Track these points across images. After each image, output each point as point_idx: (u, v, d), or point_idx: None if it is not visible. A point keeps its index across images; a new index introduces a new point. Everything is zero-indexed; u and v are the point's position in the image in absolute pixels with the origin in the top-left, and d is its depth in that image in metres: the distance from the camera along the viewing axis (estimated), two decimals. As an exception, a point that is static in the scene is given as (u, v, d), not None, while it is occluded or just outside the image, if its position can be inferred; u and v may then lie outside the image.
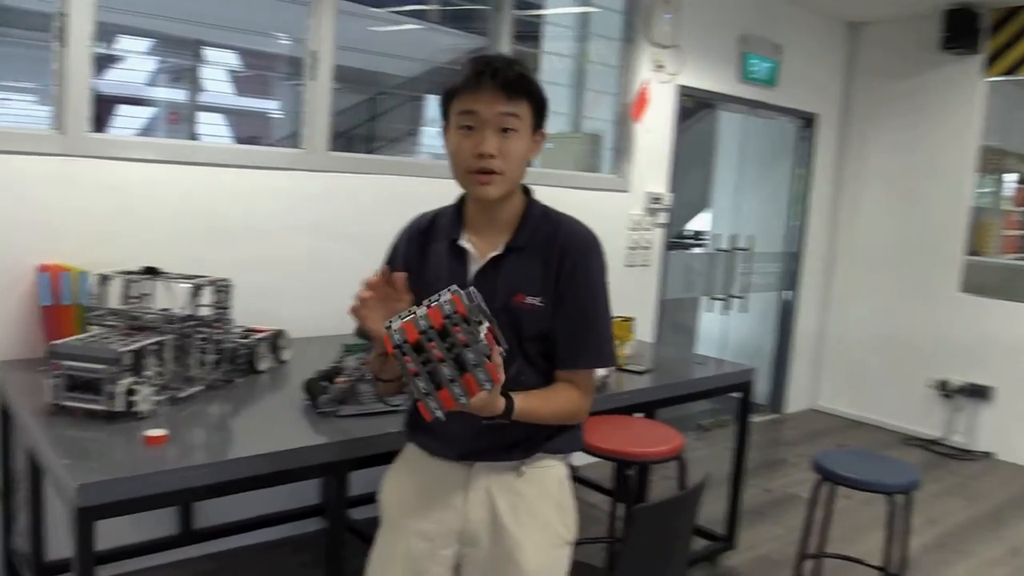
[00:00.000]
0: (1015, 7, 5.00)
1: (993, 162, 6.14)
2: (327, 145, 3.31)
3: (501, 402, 1.39)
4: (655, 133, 4.63)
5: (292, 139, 3.45)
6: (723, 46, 4.94)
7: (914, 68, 5.48)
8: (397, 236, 1.68)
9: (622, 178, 4.56)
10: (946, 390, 5.29)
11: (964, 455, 5.10)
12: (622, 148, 4.54)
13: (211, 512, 3.11)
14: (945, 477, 4.67)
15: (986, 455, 5.13)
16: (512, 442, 1.56)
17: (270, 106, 11.19)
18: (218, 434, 2.13)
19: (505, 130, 1.47)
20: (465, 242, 1.56)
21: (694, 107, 5.40)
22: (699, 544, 3.37)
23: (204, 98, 8.15)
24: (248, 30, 5.60)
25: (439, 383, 1.25)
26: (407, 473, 1.69)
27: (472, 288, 1.29)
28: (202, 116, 8.51)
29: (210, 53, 7.84)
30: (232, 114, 9.46)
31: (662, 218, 4.78)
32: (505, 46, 3.93)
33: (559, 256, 1.53)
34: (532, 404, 1.48)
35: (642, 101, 4.46)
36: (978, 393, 5.18)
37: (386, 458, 2.04)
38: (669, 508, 2.10)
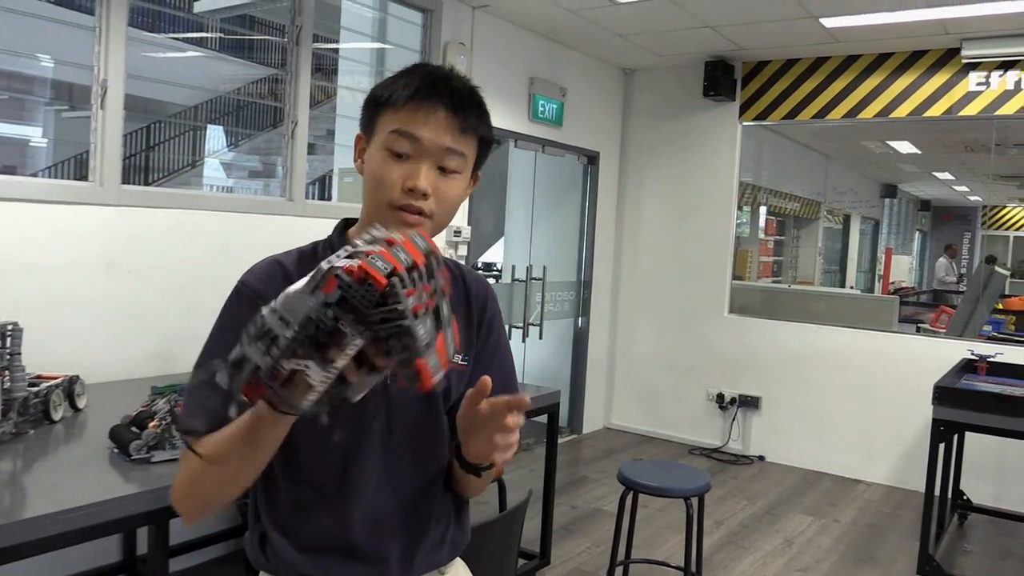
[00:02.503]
0: (762, 61, 5.69)
1: (748, 196, 6.93)
2: (119, 178, 3.11)
3: None
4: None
5: (57, 169, 3.22)
6: (514, 87, 5.20)
7: (682, 112, 6.05)
8: (255, 293, 1.15)
9: (424, 211, 4.63)
10: (722, 402, 5.84)
11: (741, 460, 5.63)
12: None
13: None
14: (727, 481, 5.14)
15: (760, 459, 5.70)
16: (439, 538, 1.29)
17: (29, 133, 10.20)
18: (11, 491, 1.93)
19: (444, 169, 1.18)
20: None
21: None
22: (517, 563, 3.48)
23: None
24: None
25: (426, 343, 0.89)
26: None
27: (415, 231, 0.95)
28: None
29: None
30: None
31: (463, 250, 4.91)
32: (305, 79, 3.90)
33: (480, 308, 1.30)
34: None
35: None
36: (748, 403, 5.76)
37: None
38: (498, 528, 2.17)
